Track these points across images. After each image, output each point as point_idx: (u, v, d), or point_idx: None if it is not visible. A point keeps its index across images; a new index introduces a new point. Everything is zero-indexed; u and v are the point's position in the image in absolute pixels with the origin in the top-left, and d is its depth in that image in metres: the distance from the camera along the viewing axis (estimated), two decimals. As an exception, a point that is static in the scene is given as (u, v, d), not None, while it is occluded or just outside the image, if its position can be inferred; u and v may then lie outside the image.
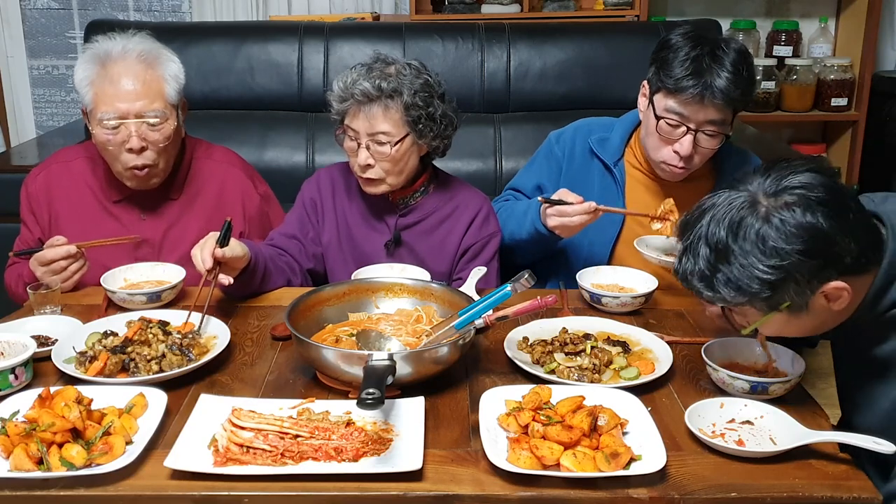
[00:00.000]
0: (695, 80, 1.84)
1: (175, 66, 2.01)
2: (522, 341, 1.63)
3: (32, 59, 4.57)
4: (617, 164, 2.10)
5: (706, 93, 1.84)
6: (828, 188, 1.28)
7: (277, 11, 4.27)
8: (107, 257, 1.94)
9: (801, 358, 1.50)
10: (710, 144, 1.92)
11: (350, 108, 1.92)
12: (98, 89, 1.93)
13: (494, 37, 3.17)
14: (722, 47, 1.88)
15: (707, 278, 1.32)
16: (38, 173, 2.12)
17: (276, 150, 3.04)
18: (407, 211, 2.06)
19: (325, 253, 2.09)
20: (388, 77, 1.91)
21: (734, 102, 1.88)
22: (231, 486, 1.21)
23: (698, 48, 1.87)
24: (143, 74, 1.94)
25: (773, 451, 1.28)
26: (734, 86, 1.84)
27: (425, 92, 1.93)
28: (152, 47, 1.99)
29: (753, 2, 4.45)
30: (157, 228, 2.06)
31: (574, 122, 2.23)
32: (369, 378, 1.29)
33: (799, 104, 4.27)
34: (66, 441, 1.25)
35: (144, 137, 1.93)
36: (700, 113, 1.88)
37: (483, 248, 2.06)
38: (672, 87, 1.88)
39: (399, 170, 1.96)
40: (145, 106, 1.93)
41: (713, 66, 1.84)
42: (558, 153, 2.17)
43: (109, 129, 1.92)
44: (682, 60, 1.87)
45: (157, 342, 1.55)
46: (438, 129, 1.97)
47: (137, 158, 1.94)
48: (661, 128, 1.93)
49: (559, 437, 1.25)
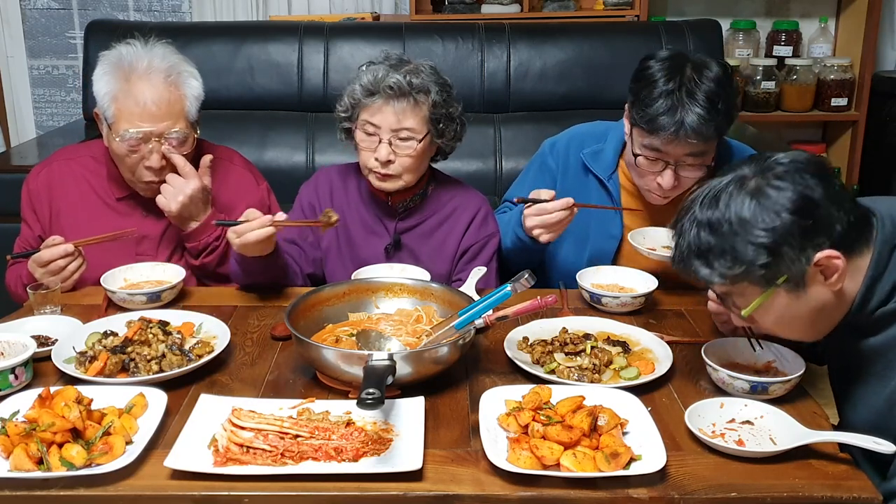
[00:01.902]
0: (668, 119, 1.80)
1: (197, 83, 2.01)
2: (522, 341, 1.63)
3: (32, 59, 4.57)
4: (611, 178, 2.07)
5: (680, 131, 1.80)
6: (813, 163, 1.34)
7: (277, 11, 4.26)
8: (107, 257, 1.94)
9: (801, 358, 1.50)
10: (692, 174, 1.89)
11: (375, 103, 1.91)
12: (122, 105, 1.92)
13: (494, 37, 3.17)
14: (695, 79, 1.82)
15: (702, 254, 1.34)
16: (39, 171, 2.12)
17: (276, 150, 3.04)
18: (406, 214, 2.06)
19: (324, 257, 2.08)
20: (418, 73, 1.92)
21: (710, 137, 1.83)
22: (231, 486, 1.21)
23: (671, 81, 1.82)
24: (167, 95, 1.93)
25: (773, 451, 1.28)
26: (708, 122, 1.79)
27: (446, 92, 1.96)
28: (176, 64, 1.98)
29: (753, 2, 4.45)
30: (158, 226, 2.06)
31: (568, 129, 2.19)
32: (369, 378, 1.29)
33: (799, 104, 4.27)
34: (66, 441, 1.25)
35: (164, 157, 1.94)
36: (677, 149, 1.85)
37: (482, 248, 2.06)
38: (647, 127, 1.84)
39: (416, 167, 1.96)
40: (168, 126, 1.93)
41: (686, 103, 1.79)
42: (552, 165, 2.14)
43: (130, 146, 1.92)
44: (656, 98, 1.81)
45: (157, 342, 1.55)
46: (455, 129, 2.00)
47: (154, 175, 1.96)
48: (640, 163, 1.91)
49: (559, 437, 1.25)
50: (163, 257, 2.04)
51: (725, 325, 1.65)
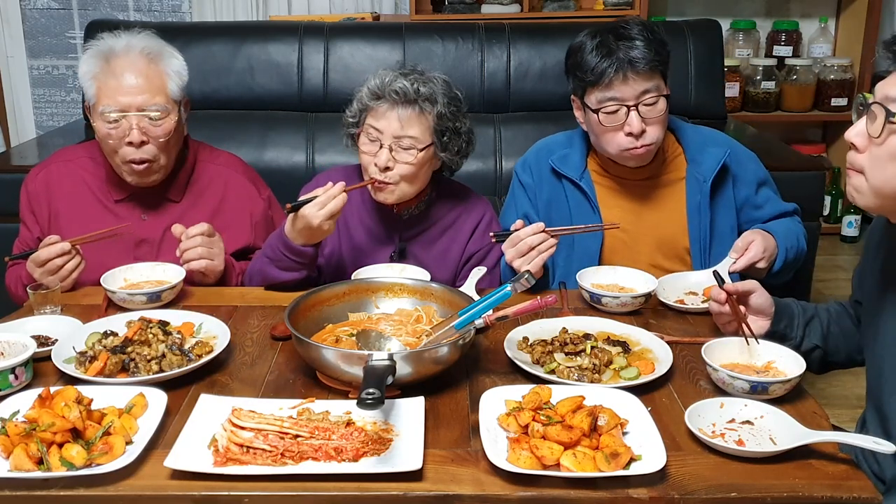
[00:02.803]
0: (609, 61, 1.89)
1: (178, 62, 2.03)
2: (522, 341, 1.63)
3: (32, 59, 4.58)
4: (583, 177, 2.08)
5: (625, 67, 1.88)
6: None
7: (277, 11, 4.27)
8: (106, 260, 1.94)
9: (801, 358, 1.50)
10: (655, 112, 1.92)
11: (380, 107, 1.92)
12: (101, 83, 1.95)
13: (494, 37, 3.17)
14: (622, 25, 1.93)
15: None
16: (38, 172, 2.12)
17: (276, 150, 3.04)
18: (411, 222, 2.06)
19: (327, 263, 2.07)
20: (427, 82, 1.92)
21: (655, 65, 1.91)
22: (231, 486, 1.21)
23: (598, 36, 1.93)
24: (145, 69, 1.96)
25: (773, 451, 1.28)
26: (646, 50, 1.88)
27: (455, 106, 1.96)
28: (156, 43, 2.02)
29: (753, 2, 4.45)
30: (158, 228, 2.06)
31: (533, 146, 2.22)
32: (369, 378, 1.29)
33: (799, 104, 4.27)
34: (66, 441, 1.25)
35: (145, 132, 1.95)
36: (630, 88, 1.89)
37: (487, 254, 2.06)
38: (593, 80, 1.91)
39: (414, 177, 1.95)
40: (147, 100, 1.94)
41: (620, 44, 1.89)
42: (528, 181, 2.15)
43: (111, 122, 1.94)
44: (590, 52, 1.92)
45: (157, 342, 1.55)
46: (461, 145, 1.99)
47: (137, 152, 1.95)
48: (603, 119, 1.93)
49: (559, 437, 1.25)
50: (163, 261, 2.03)
51: (726, 326, 1.65)
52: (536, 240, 1.83)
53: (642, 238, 2.07)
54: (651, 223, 2.07)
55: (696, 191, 2.04)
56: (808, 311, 1.66)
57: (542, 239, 1.83)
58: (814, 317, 1.66)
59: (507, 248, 1.86)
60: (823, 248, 4.08)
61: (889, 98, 1.33)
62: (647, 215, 2.07)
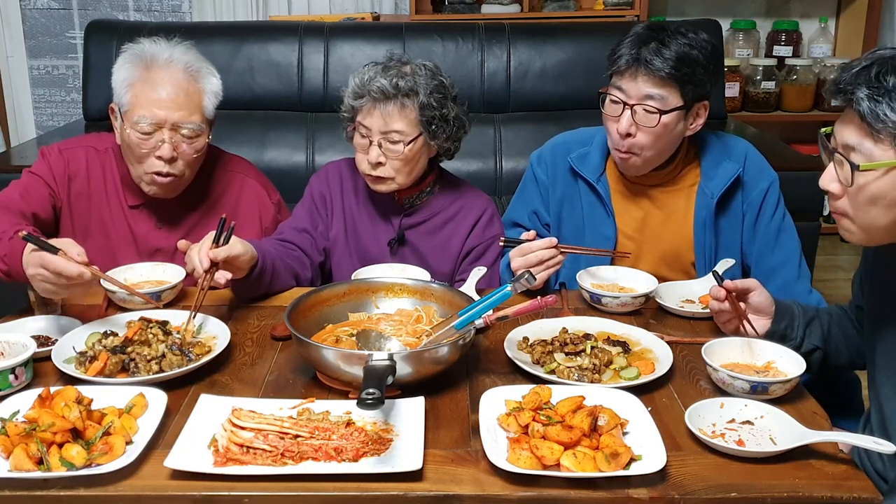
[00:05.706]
0: (627, 51, 1.85)
1: (216, 81, 2.00)
2: (522, 341, 1.63)
3: (32, 59, 4.58)
4: (600, 180, 2.05)
5: (640, 64, 1.83)
6: None
7: (277, 11, 4.27)
8: (114, 265, 1.91)
9: (801, 358, 1.50)
10: (649, 122, 1.86)
11: (364, 105, 1.93)
12: (138, 92, 1.91)
13: (494, 37, 3.18)
14: (668, 27, 1.88)
15: (881, 93, 1.28)
16: (62, 149, 2.02)
17: (276, 150, 3.04)
18: (412, 210, 2.07)
19: (331, 248, 2.09)
20: (405, 76, 1.92)
21: (672, 78, 1.83)
22: (231, 486, 1.21)
23: (643, 30, 1.89)
24: (186, 85, 1.93)
25: (773, 451, 1.28)
26: (671, 60, 1.82)
27: (440, 93, 1.95)
28: (197, 60, 1.98)
29: (753, 2, 4.45)
30: (172, 238, 2.02)
31: (552, 139, 2.18)
32: (369, 378, 1.29)
33: (799, 104, 4.27)
34: (66, 441, 1.25)
35: (176, 147, 1.92)
36: (635, 87, 1.86)
37: (486, 249, 2.07)
38: (611, 64, 1.89)
39: (409, 170, 1.97)
40: (183, 117, 1.92)
41: (650, 43, 1.84)
42: (542, 177, 2.12)
43: (143, 133, 1.90)
44: (626, 39, 1.88)
45: (157, 342, 1.55)
46: (450, 131, 1.99)
47: (165, 166, 1.93)
48: (605, 107, 1.91)
49: (559, 437, 1.25)
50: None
51: (726, 324, 1.65)
52: (547, 254, 1.80)
53: (648, 249, 2.05)
54: (658, 235, 2.04)
55: (703, 205, 1.99)
56: (808, 312, 1.66)
57: (553, 254, 1.81)
58: (814, 318, 1.66)
59: (516, 256, 1.84)
60: (823, 248, 4.08)
61: (848, 147, 1.34)
62: (655, 226, 2.04)
